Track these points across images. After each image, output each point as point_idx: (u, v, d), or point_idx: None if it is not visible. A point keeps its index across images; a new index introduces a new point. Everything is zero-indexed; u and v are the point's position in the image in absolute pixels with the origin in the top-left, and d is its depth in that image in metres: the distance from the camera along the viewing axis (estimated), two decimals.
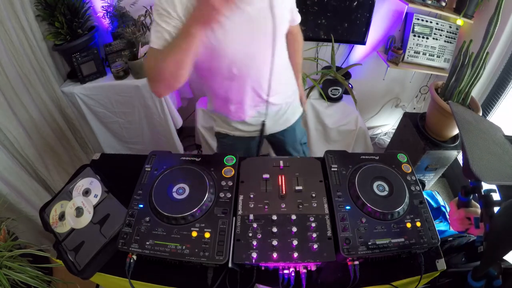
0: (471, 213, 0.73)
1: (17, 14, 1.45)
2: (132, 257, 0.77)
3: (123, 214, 0.82)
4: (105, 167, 1.03)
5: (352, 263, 0.77)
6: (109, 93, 1.80)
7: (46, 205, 0.92)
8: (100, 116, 1.91)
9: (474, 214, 0.73)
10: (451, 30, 1.87)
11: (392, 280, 0.83)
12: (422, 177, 2.03)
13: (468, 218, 0.75)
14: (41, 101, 1.66)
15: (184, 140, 2.39)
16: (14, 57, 1.48)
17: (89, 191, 0.91)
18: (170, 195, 0.83)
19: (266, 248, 0.75)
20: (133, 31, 1.71)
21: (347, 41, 2.03)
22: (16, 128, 1.50)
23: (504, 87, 1.72)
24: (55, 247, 0.86)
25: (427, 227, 0.81)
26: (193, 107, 2.17)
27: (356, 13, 1.88)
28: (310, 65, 2.09)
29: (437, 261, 0.86)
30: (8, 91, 1.47)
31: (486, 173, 0.60)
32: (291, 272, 0.76)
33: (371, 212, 0.81)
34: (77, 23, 1.70)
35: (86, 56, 1.70)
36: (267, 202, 0.84)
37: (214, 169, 0.91)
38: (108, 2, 1.79)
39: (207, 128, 2.03)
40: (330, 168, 0.92)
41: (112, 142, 2.08)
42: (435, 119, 1.71)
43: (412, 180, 0.90)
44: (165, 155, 0.96)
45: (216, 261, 0.73)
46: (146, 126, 2.03)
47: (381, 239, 0.77)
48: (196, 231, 0.77)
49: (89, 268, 0.82)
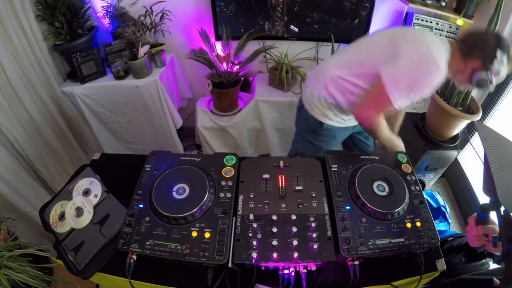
0: (489, 231, 0.72)
1: (17, 14, 1.45)
2: (132, 257, 0.77)
3: (123, 214, 0.82)
4: (105, 167, 1.03)
5: (352, 263, 0.77)
6: (109, 93, 1.80)
7: (46, 205, 0.92)
8: (100, 116, 1.91)
9: (492, 232, 0.71)
10: (451, 30, 1.87)
11: (392, 280, 0.83)
12: (422, 177, 2.03)
13: (485, 235, 0.73)
14: (41, 101, 1.66)
15: (184, 140, 2.39)
16: (14, 57, 1.48)
17: (89, 191, 0.91)
18: (170, 195, 0.83)
19: (266, 248, 0.75)
20: (133, 31, 1.71)
21: (347, 41, 2.02)
22: (16, 128, 1.50)
23: (504, 87, 1.71)
24: (55, 247, 0.86)
25: (427, 227, 0.81)
26: (193, 107, 2.17)
27: (356, 13, 1.88)
28: (310, 65, 2.09)
29: (437, 261, 0.86)
30: (8, 91, 1.47)
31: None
32: (291, 272, 0.76)
33: (371, 212, 0.81)
34: (77, 23, 1.70)
35: (86, 56, 1.70)
36: (267, 202, 0.84)
37: (214, 169, 0.91)
38: (108, 2, 1.79)
39: (207, 128, 2.03)
40: (330, 168, 0.92)
41: (112, 142, 2.08)
42: (435, 119, 1.71)
43: (412, 180, 0.90)
44: (165, 155, 0.96)
45: (216, 261, 0.73)
46: (146, 126, 2.03)
47: (381, 239, 0.77)
48: (196, 231, 0.77)
49: (89, 268, 0.82)
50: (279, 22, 1.95)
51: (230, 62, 1.83)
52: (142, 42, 1.73)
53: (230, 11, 1.89)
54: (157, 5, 1.83)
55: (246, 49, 1.82)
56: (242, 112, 1.99)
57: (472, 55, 0.98)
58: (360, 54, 1.16)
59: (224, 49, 1.81)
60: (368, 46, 1.15)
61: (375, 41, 1.14)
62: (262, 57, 1.97)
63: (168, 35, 1.97)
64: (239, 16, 1.92)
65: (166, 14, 1.86)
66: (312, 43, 2.03)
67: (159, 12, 1.85)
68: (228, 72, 1.85)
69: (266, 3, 1.86)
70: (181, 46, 2.07)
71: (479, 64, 0.97)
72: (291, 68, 1.92)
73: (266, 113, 2.02)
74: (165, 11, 1.85)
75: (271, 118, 2.05)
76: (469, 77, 1.01)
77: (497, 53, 0.93)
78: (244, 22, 1.93)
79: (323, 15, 1.90)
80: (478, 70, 0.98)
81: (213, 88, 1.86)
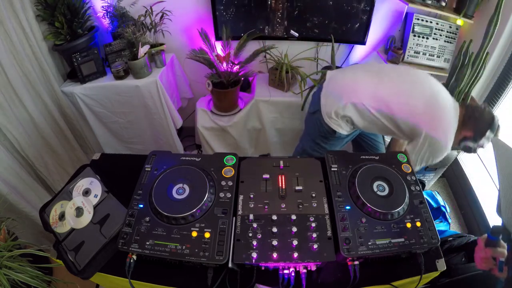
0: (498, 254, 0.69)
1: (17, 14, 1.45)
2: (132, 257, 0.77)
3: (123, 214, 0.82)
4: (105, 167, 1.03)
5: (352, 263, 0.77)
6: (109, 93, 1.80)
7: (46, 205, 0.92)
8: (100, 116, 1.91)
9: (500, 255, 0.68)
10: (451, 30, 1.87)
11: (392, 280, 0.83)
12: (422, 177, 2.03)
13: (494, 258, 0.70)
14: (41, 101, 1.66)
15: (184, 140, 2.39)
16: (14, 57, 1.48)
17: (89, 191, 0.91)
18: (170, 195, 0.83)
19: (266, 248, 0.75)
20: (133, 31, 1.71)
21: (347, 41, 2.03)
22: (16, 128, 1.50)
23: (504, 87, 1.71)
24: (55, 247, 0.86)
25: (427, 227, 0.81)
26: (193, 107, 2.17)
27: (356, 13, 1.88)
28: (310, 65, 2.09)
29: (437, 261, 0.86)
30: (8, 91, 1.46)
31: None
32: (291, 272, 0.76)
33: (371, 212, 0.81)
34: (77, 23, 1.70)
35: (86, 56, 1.70)
36: (267, 202, 0.84)
37: (214, 169, 0.91)
38: (108, 2, 1.79)
39: (207, 128, 2.03)
40: (330, 168, 0.92)
41: (112, 142, 2.08)
42: None
43: (412, 180, 0.90)
44: (165, 155, 0.96)
45: (216, 261, 0.73)
46: (146, 126, 2.03)
47: (381, 239, 0.77)
48: (196, 231, 0.77)
49: (89, 268, 0.82)
50: (279, 28, 1.95)
51: (230, 62, 1.83)
52: (142, 42, 1.73)
53: (230, 15, 1.89)
54: (157, 5, 1.83)
55: (246, 49, 1.82)
56: (242, 112, 1.99)
57: (467, 126, 1.15)
58: (402, 98, 1.17)
59: (224, 49, 1.81)
60: (408, 95, 1.16)
61: (416, 92, 1.16)
62: (262, 57, 1.97)
63: (168, 35, 1.97)
64: (239, 20, 1.92)
65: (166, 14, 1.86)
66: (312, 43, 2.03)
67: (159, 12, 1.85)
68: (228, 72, 1.85)
69: (266, 7, 1.87)
70: (181, 46, 2.07)
71: (470, 135, 1.14)
72: (291, 68, 1.92)
73: (266, 113, 2.02)
74: (165, 11, 1.85)
75: (271, 118, 2.05)
76: (459, 141, 1.18)
77: (487, 132, 1.11)
78: (244, 26, 1.93)
79: (323, 19, 1.91)
80: (467, 139, 1.15)
81: (213, 88, 1.86)
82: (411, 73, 1.22)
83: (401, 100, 1.15)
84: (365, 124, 1.27)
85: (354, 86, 1.24)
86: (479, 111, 1.14)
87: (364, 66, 1.27)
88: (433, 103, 1.14)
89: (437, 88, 1.17)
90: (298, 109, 1.98)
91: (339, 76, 1.33)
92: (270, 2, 1.85)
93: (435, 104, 1.13)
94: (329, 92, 1.31)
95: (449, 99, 1.16)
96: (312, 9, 1.88)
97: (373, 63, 1.27)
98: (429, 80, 1.19)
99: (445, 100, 1.13)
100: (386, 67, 1.23)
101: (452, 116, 1.14)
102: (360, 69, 1.29)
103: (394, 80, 1.19)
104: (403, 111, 1.15)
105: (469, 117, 1.14)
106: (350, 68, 1.33)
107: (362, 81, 1.23)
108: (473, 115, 1.14)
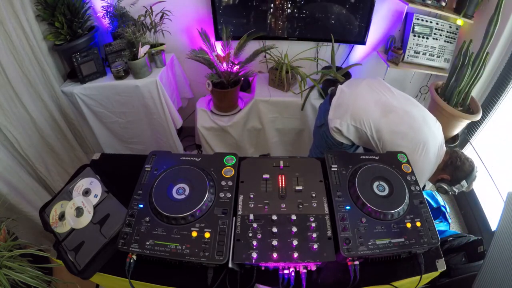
0: None
1: (17, 14, 1.45)
2: (132, 257, 0.77)
3: (123, 214, 0.82)
4: (105, 167, 1.03)
5: (352, 263, 0.77)
6: (109, 93, 1.80)
7: (46, 205, 0.92)
8: (100, 116, 1.91)
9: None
10: (451, 30, 1.87)
11: (392, 280, 0.83)
12: None
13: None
14: (41, 101, 1.66)
15: (184, 140, 2.39)
16: (14, 57, 1.48)
17: (89, 191, 0.91)
18: (170, 195, 0.83)
19: (266, 248, 0.75)
20: (133, 31, 1.71)
21: (347, 41, 2.03)
22: (16, 128, 1.50)
23: (504, 87, 1.71)
24: (55, 247, 0.86)
25: (427, 227, 0.81)
26: (193, 107, 2.17)
27: (356, 13, 1.88)
28: (310, 65, 2.09)
29: (437, 261, 0.86)
30: (8, 91, 1.46)
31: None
32: (291, 272, 0.76)
33: (371, 212, 0.81)
34: (77, 23, 1.70)
35: (86, 56, 1.70)
36: (267, 202, 0.84)
37: (214, 169, 0.91)
38: (108, 2, 1.79)
39: (207, 128, 2.03)
40: (330, 168, 0.92)
41: (112, 142, 2.08)
42: None
43: (412, 180, 0.90)
44: (165, 155, 0.96)
45: (216, 261, 0.73)
46: (146, 126, 2.03)
47: (381, 239, 0.77)
48: (196, 231, 0.77)
49: (89, 268, 0.82)
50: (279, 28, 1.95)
51: (230, 62, 1.83)
52: (142, 42, 1.73)
53: (230, 15, 1.89)
54: (157, 5, 1.83)
55: (246, 49, 1.82)
56: (242, 112, 1.99)
57: (446, 171, 1.24)
58: (396, 138, 1.19)
59: (224, 49, 1.81)
60: (402, 138, 1.18)
61: (409, 137, 1.17)
62: (262, 57, 1.97)
63: (168, 35, 1.97)
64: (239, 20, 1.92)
65: (166, 14, 1.86)
66: (312, 43, 2.03)
67: (159, 12, 1.85)
68: (228, 72, 1.85)
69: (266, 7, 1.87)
70: (181, 46, 2.07)
71: (447, 178, 1.23)
72: (291, 68, 1.92)
73: (266, 113, 2.02)
74: (165, 11, 1.85)
75: (271, 118, 2.05)
76: (436, 180, 1.27)
77: (462, 182, 1.21)
78: (244, 26, 1.93)
79: (324, 19, 1.91)
80: (444, 181, 1.24)
81: (213, 88, 1.86)
82: (415, 117, 1.22)
83: (394, 138, 1.20)
84: (361, 142, 1.34)
85: (359, 112, 1.27)
86: (461, 160, 1.22)
87: (374, 91, 1.28)
88: (420, 152, 1.16)
89: (428, 138, 1.18)
90: (298, 109, 1.98)
91: (348, 96, 1.34)
92: (270, 2, 1.85)
93: (420, 153, 1.16)
94: (336, 107, 1.35)
95: (435, 151, 1.18)
96: (312, 9, 1.88)
97: (384, 89, 1.28)
98: (425, 128, 1.20)
99: (430, 153, 1.16)
100: (395, 101, 1.25)
101: (429, 168, 1.19)
102: (370, 94, 1.30)
103: (396, 120, 1.22)
104: (390, 147, 1.20)
105: (451, 163, 1.22)
106: (362, 87, 1.32)
107: (369, 110, 1.25)
108: (455, 163, 1.22)
